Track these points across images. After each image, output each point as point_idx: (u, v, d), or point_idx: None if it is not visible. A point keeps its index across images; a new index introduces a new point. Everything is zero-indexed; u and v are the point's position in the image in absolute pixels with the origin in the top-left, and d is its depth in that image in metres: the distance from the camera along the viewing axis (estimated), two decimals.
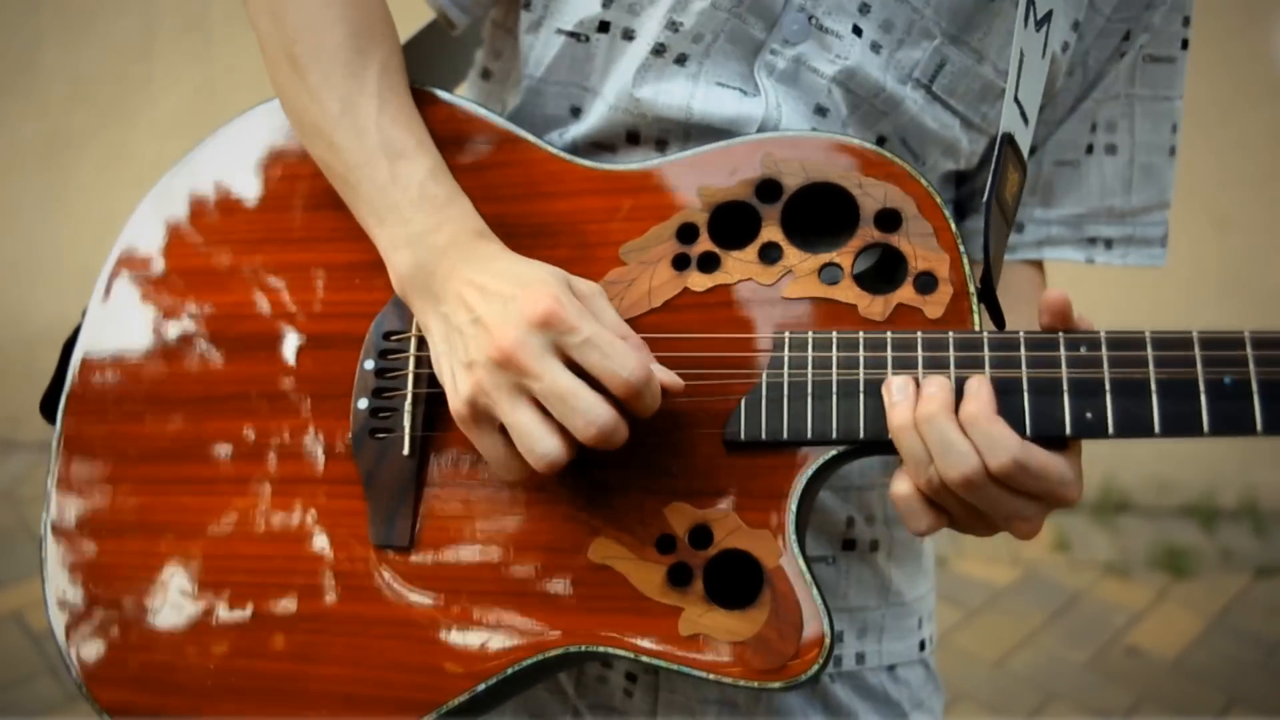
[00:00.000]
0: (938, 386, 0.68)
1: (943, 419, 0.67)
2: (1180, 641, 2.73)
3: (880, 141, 0.85)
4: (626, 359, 0.68)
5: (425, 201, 0.78)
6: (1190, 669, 2.63)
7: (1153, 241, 0.96)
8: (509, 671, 0.76)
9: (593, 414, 0.68)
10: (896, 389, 0.69)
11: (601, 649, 0.75)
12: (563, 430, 0.69)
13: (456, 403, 0.73)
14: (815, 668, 0.71)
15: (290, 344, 0.86)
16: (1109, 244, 0.95)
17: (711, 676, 0.72)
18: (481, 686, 0.76)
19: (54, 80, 3.29)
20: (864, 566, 0.93)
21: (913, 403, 0.68)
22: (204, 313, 0.88)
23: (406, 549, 0.80)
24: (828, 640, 0.71)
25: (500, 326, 0.69)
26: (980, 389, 0.67)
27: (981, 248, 0.77)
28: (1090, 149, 0.93)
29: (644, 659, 0.74)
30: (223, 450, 0.86)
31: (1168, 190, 0.95)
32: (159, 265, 0.91)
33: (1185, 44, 0.92)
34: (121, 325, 0.90)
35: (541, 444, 0.69)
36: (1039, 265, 0.99)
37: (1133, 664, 2.65)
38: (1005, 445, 0.65)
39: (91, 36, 3.32)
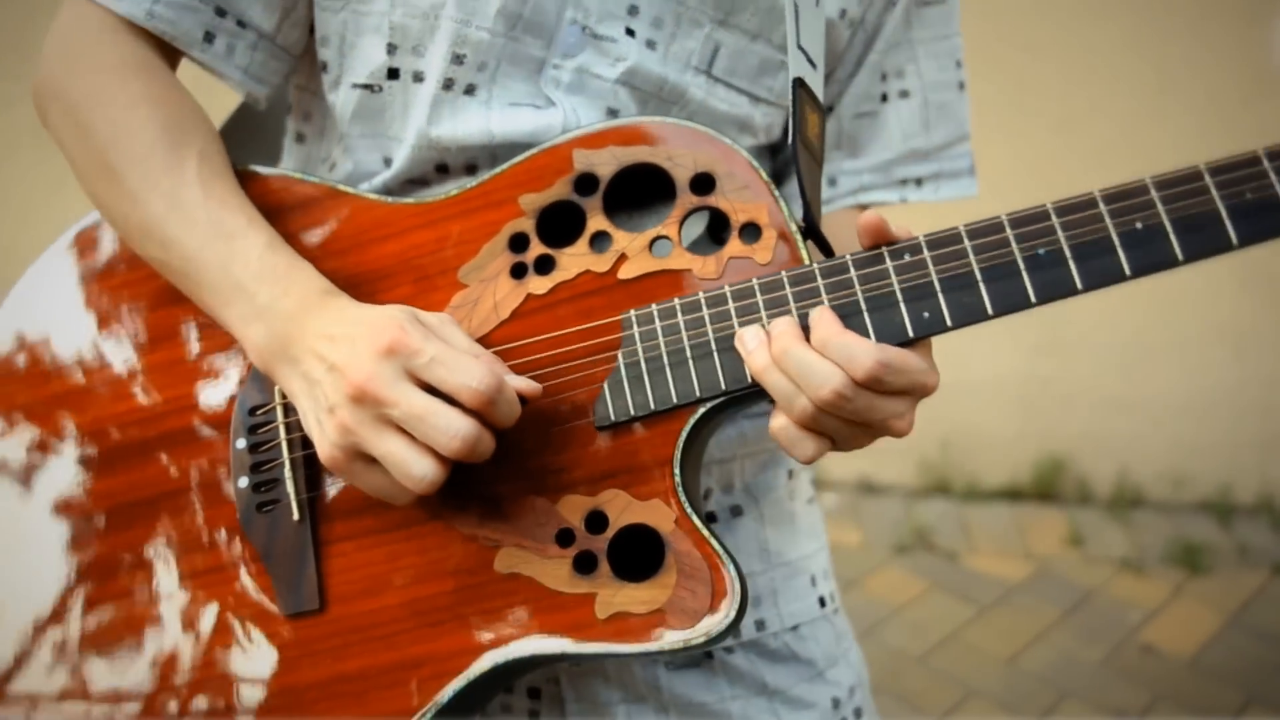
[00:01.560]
0: (785, 324, 0.73)
1: (797, 348, 0.71)
2: (1197, 639, 2.70)
3: None
4: (473, 370, 0.71)
5: (267, 273, 0.80)
6: (1207, 667, 2.61)
7: (960, 173, 1.02)
8: (441, 700, 0.78)
9: (453, 428, 0.70)
10: (749, 337, 0.74)
11: (528, 654, 0.77)
12: (432, 450, 0.72)
13: (326, 449, 0.74)
14: (733, 613, 0.74)
15: (160, 445, 0.87)
16: (919, 182, 1.01)
17: (639, 649, 0.75)
18: None
19: None
20: (735, 534, 0.97)
21: (767, 345, 0.73)
22: (68, 436, 0.89)
23: (319, 610, 0.82)
24: (738, 584, 0.74)
25: (351, 364, 0.72)
26: (823, 314, 0.72)
27: (795, 171, 0.81)
28: (884, 97, 0.99)
29: (570, 651, 0.76)
30: (121, 564, 0.87)
31: (964, 123, 1.01)
32: (12, 401, 0.91)
33: None
34: None
35: (415, 468, 0.71)
36: (861, 206, 1.04)
37: (1148, 662, 2.63)
38: (864, 350, 0.70)
39: None
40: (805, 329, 0.73)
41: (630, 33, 0.86)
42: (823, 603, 1.01)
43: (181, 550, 0.86)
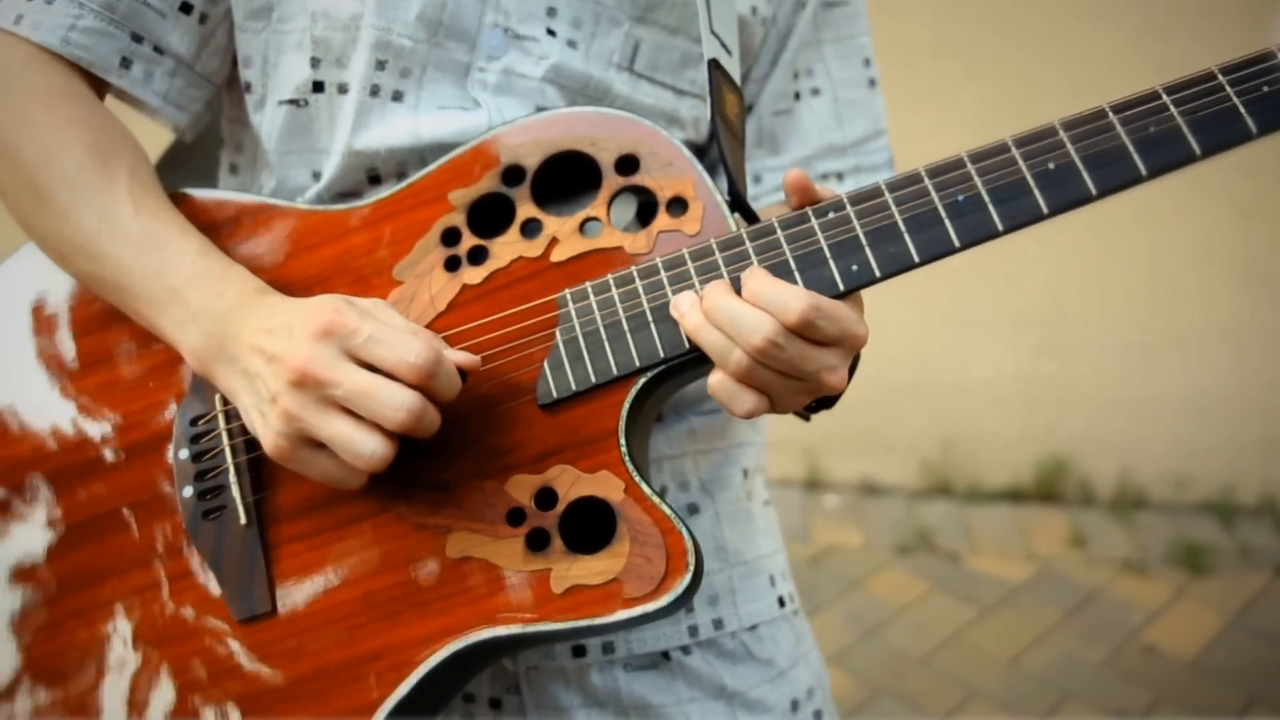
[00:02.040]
0: (716, 283, 0.74)
1: (727, 300, 0.72)
2: (1199, 640, 2.70)
3: None
4: (411, 345, 0.71)
5: (200, 276, 0.80)
6: (1209, 668, 2.60)
7: (879, 167, 1.03)
8: (404, 691, 0.78)
9: (396, 400, 0.71)
10: (683, 301, 0.75)
11: (486, 634, 0.77)
12: (378, 427, 0.72)
13: (271, 439, 0.74)
14: (689, 576, 0.74)
15: (103, 467, 0.87)
16: (840, 177, 1.02)
17: (598, 621, 0.75)
18: (381, 715, 0.77)
19: None
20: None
21: (699, 305, 0.74)
22: (7, 466, 0.89)
23: (271, 613, 0.82)
24: (690, 545, 0.75)
25: (289, 351, 0.72)
26: (754, 271, 0.74)
27: (715, 144, 0.83)
28: (798, 95, 1.01)
29: (530, 631, 0.76)
30: (67, 587, 0.86)
31: (879, 119, 1.03)
32: None
33: None
34: None
35: (363, 445, 0.71)
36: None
37: (1150, 663, 2.62)
38: (795, 294, 0.71)
39: None
40: (738, 289, 0.74)
41: (551, 33, 0.87)
42: (782, 603, 1.01)
43: (127, 566, 0.85)
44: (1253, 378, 3.12)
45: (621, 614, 0.74)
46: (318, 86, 0.88)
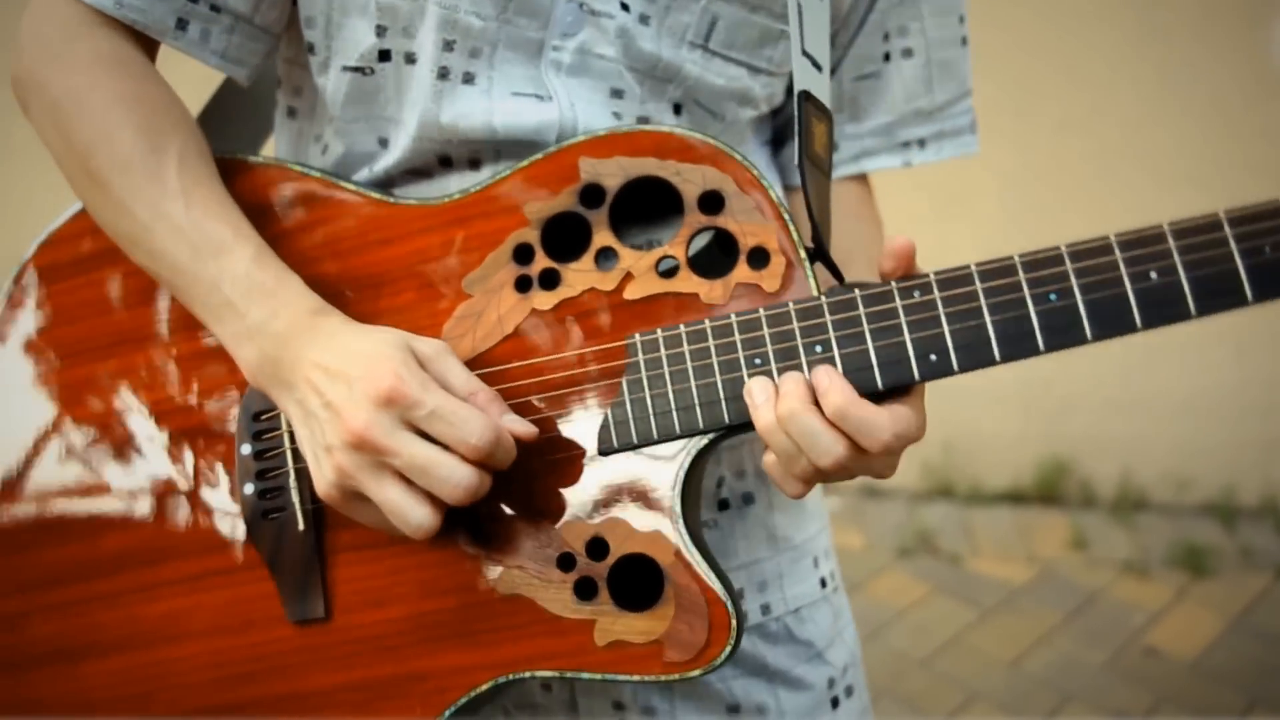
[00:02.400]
0: (793, 383, 0.72)
1: (804, 413, 0.71)
2: (1200, 642, 2.69)
3: (677, 108, 0.88)
4: (472, 425, 0.71)
5: (255, 291, 0.79)
6: (1210, 670, 2.60)
7: (962, 130, 1.00)
8: (446, 715, 0.80)
9: (454, 478, 0.71)
10: (757, 391, 0.73)
11: (528, 673, 0.79)
12: (429, 496, 0.72)
13: (323, 485, 0.74)
14: (728, 649, 0.75)
15: (164, 444, 0.87)
16: (922, 144, 1.00)
17: (635, 678, 0.76)
18: None
19: None
20: (745, 521, 0.96)
21: (774, 403, 0.72)
22: (72, 430, 0.88)
23: (324, 619, 0.82)
24: (734, 621, 0.75)
25: (348, 409, 0.71)
26: (833, 381, 0.71)
27: (802, 190, 0.80)
28: (887, 57, 0.96)
29: (569, 674, 0.78)
30: (126, 562, 0.86)
31: (967, 79, 0.99)
32: (14, 392, 0.91)
33: None
34: None
35: (412, 515, 0.72)
36: (862, 178, 1.04)
37: (1151, 665, 2.62)
38: (878, 427, 0.70)
39: None
40: (812, 386, 0.72)
41: (625, 7, 0.83)
42: (824, 583, 1.01)
43: (186, 550, 0.86)
44: (1252, 379, 3.12)
45: (659, 675, 0.76)
46: (384, 55, 0.84)
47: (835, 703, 1.00)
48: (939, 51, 0.97)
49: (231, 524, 0.85)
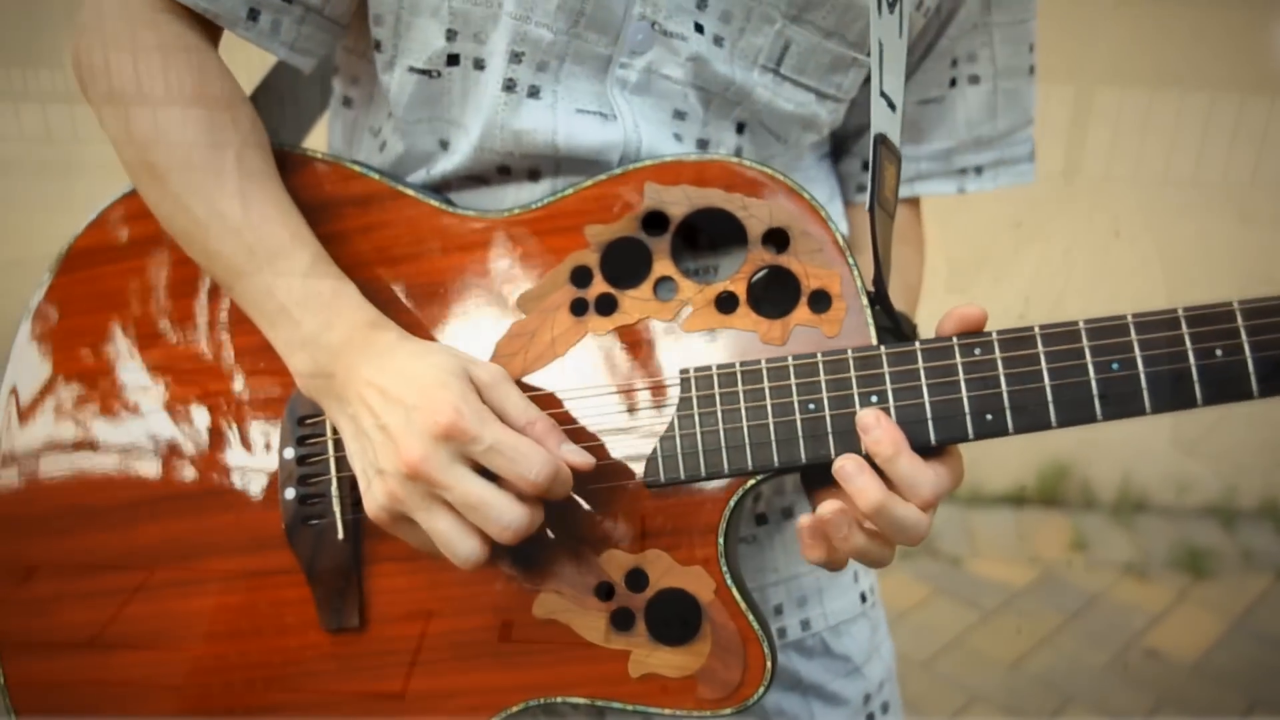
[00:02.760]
0: (869, 485, 0.70)
1: (894, 506, 0.69)
2: (1201, 644, 2.69)
3: (740, 128, 0.86)
4: (531, 461, 0.70)
5: (311, 300, 0.78)
6: (1211, 672, 2.60)
7: (1020, 159, 1.00)
8: None
9: (505, 519, 0.70)
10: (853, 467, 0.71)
11: (559, 699, 0.79)
12: (480, 530, 0.71)
13: (372, 507, 0.74)
14: (762, 689, 0.76)
15: (206, 440, 0.86)
16: (979, 171, 0.99)
17: (667, 712, 0.77)
18: None
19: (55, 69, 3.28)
20: (784, 535, 0.95)
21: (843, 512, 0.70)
22: (114, 418, 0.87)
23: (359, 629, 0.82)
24: (769, 664, 0.75)
25: (405, 439, 0.70)
26: (884, 425, 0.70)
27: (871, 234, 0.79)
28: (954, 82, 0.96)
29: (600, 702, 0.77)
30: (162, 555, 0.85)
31: (1030, 109, 0.99)
32: (58, 376, 0.89)
33: None
34: (32, 440, 0.89)
35: (460, 547, 0.71)
36: (914, 202, 1.03)
37: (1152, 666, 2.62)
38: (925, 480, 0.69)
39: None
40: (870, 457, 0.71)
41: (699, 28, 0.81)
42: (864, 598, 1.01)
43: (223, 549, 0.85)
44: None
45: (691, 711, 0.76)
46: (453, 59, 0.83)
47: (871, 718, 0.99)
48: (1007, 80, 0.96)
49: (270, 527, 0.84)
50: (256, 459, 0.85)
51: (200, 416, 0.86)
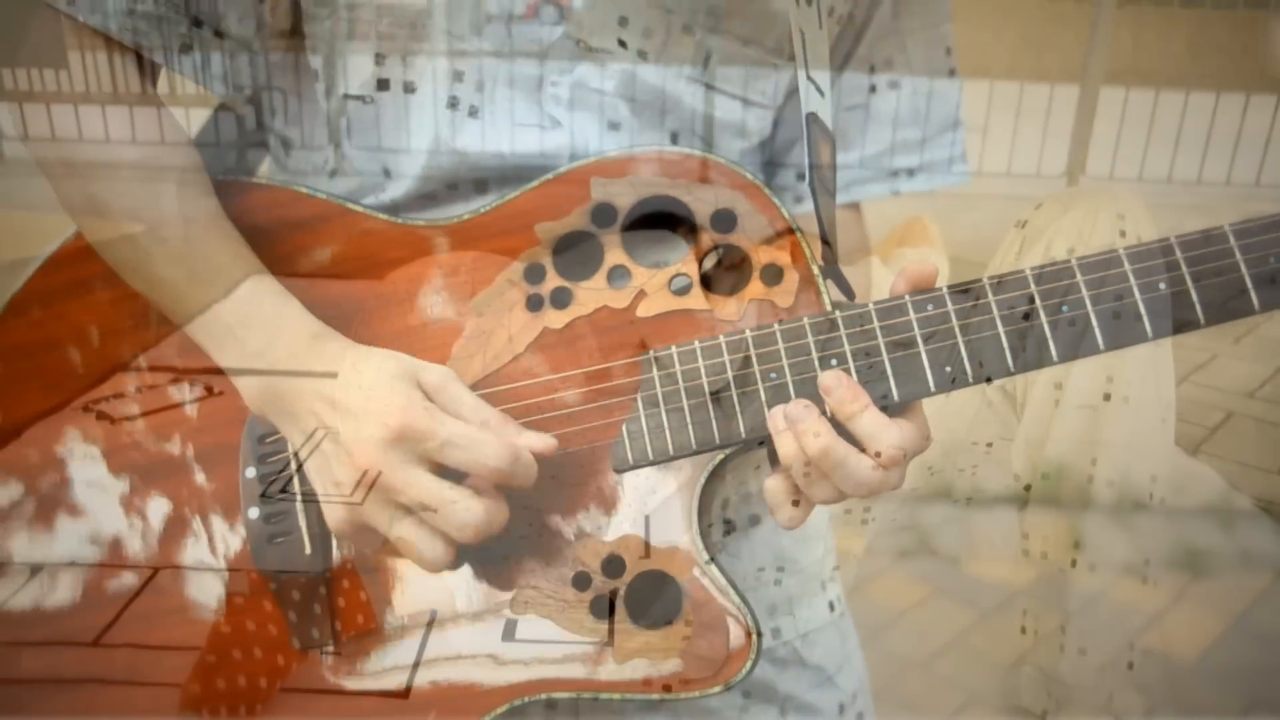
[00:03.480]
0: (818, 425, 0.72)
1: (838, 448, 0.71)
2: (1199, 644, 2.69)
3: (674, 138, 0.89)
4: (487, 448, 0.71)
5: (254, 318, 0.79)
6: (1210, 671, 2.60)
7: (954, 159, 1.03)
8: None
9: (461, 518, 0.71)
10: (777, 420, 0.73)
11: (545, 695, 0.78)
12: (444, 534, 0.72)
13: (334, 521, 0.74)
14: (748, 665, 0.76)
15: (167, 468, 0.85)
16: (911, 173, 1.02)
17: (654, 696, 0.77)
18: None
19: None
20: (752, 543, 0.96)
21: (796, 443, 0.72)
22: (70, 455, 0.86)
23: (332, 644, 0.82)
24: (754, 636, 0.76)
25: (358, 446, 0.71)
26: (844, 383, 0.72)
27: (815, 218, 0.81)
28: (873, 89, 0.99)
29: (586, 694, 0.78)
30: (128, 585, 0.85)
31: (954, 112, 1.02)
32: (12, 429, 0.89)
33: None
34: None
35: (427, 553, 0.72)
36: (854, 207, 1.05)
37: (1152, 666, 2.62)
38: (891, 438, 0.71)
39: None
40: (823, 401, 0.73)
41: (622, 44, 0.85)
42: (831, 607, 1.02)
43: (189, 576, 0.84)
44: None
45: (679, 693, 0.77)
46: (382, 84, 0.85)
47: None
48: (924, 83, 0.99)
49: (237, 550, 0.84)
50: (218, 483, 0.84)
51: (157, 448, 0.86)
